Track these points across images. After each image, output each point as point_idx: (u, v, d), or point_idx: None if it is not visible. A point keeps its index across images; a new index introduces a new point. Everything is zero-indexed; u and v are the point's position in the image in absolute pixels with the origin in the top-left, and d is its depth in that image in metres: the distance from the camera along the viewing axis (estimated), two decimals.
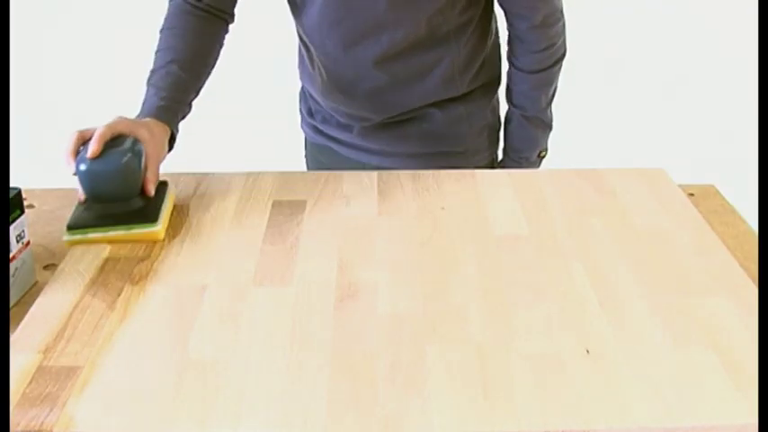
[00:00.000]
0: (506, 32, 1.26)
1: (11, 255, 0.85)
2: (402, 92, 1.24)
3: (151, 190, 0.98)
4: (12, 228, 0.85)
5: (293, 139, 1.48)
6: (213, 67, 1.17)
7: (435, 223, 0.99)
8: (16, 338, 0.78)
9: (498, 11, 1.25)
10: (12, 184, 0.87)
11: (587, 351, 0.77)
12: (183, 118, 1.10)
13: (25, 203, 0.88)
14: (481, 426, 0.68)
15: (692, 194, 1.10)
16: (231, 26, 1.22)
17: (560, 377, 0.73)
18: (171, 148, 1.08)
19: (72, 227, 0.95)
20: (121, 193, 0.96)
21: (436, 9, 1.15)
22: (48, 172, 1.29)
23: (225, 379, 0.73)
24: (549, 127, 1.33)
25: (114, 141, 0.95)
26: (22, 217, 0.88)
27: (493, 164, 1.36)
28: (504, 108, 1.34)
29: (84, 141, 0.96)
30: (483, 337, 0.78)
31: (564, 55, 1.27)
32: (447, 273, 0.89)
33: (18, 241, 0.87)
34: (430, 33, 1.18)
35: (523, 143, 1.32)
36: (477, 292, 0.85)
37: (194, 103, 1.14)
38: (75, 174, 0.94)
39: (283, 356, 0.76)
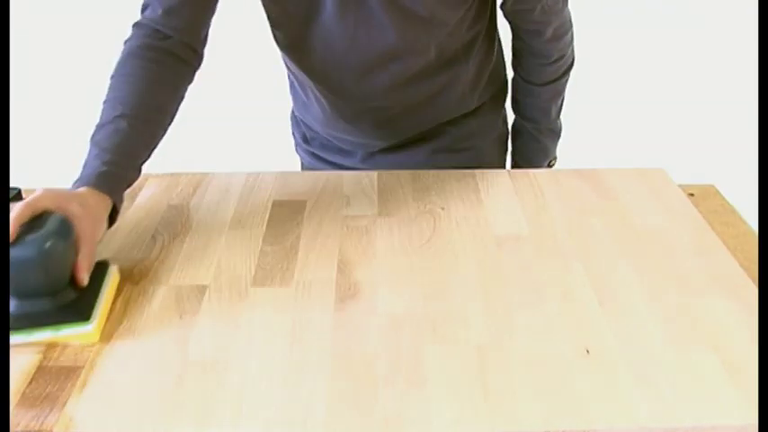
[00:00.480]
0: (510, 44, 1.22)
1: None
2: (413, 117, 1.19)
3: (84, 279, 0.81)
4: None
5: (293, 142, 1.48)
6: (171, 122, 0.99)
7: (435, 223, 0.99)
8: (16, 339, 0.78)
9: (502, 22, 1.21)
10: (12, 184, 0.87)
11: (587, 351, 0.77)
12: (130, 185, 0.93)
13: None
14: (481, 426, 0.68)
15: (692, 194, 1.10)
16: (202, 65, 1.05)
17: (560, 377, 0.73)
18: (112, 222, 0.90)
19: None
20: (46, 286, 0.78)
21: (446, 32, 1.09)
22: (48, 172, 1.28)
23: (225, 379, 0.73)
24: (559, 135, 1.31)
25: (36, 222, 0.78)
26: None
27: None
28: (510, 116, 1.32)
29: None
30: (483, 338, 0.78)
31: (573, 63, 1.24)
32: (447, 273, 0.89)
33: None
34: (440, 56, 1.12)
35: (535, 154, 1.30)
36: (478, 292, 0.85)
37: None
38: None
39: (283, 356, 0.76)
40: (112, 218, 0.90)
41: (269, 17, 1.11)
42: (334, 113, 1.19)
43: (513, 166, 1.33)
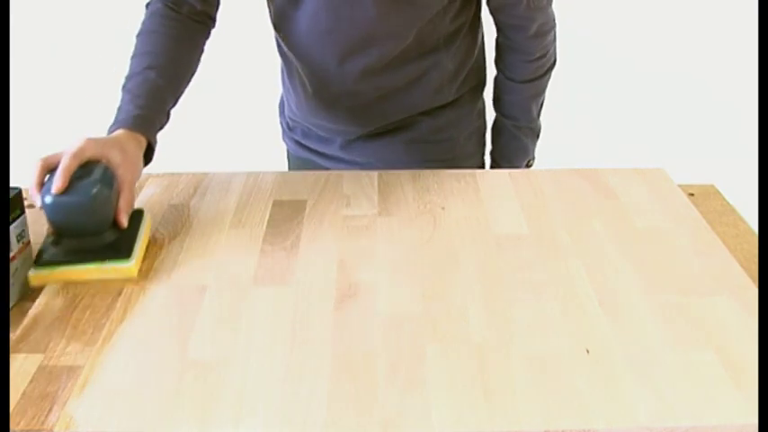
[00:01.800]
0: (494, 41, 1.24)
1: (11, 254, 0.85)
2: (389, 104, 1.20)
3: (124, 221, 0.91)
4: (12, 227, 0.85)
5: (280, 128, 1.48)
6: (193, 74, 1.10)
7: (435, 223, 0.99)
8: (16, 338, 0.79)
9: (485, 17, 1.23)
10: (12, 184, 0.87)
11: (587, 351, 0.77)
12: (162, 128, 1.02)
13: (25, 203, 0.88)
14: (481, 426, 0.68)
15: (692, 194, 1.10)
16: (216, 30, 1.16)
17: (560, 377, 0.73)
18: (149, 161, 1.00)
19: (39, 263, 0.88)
20: (91, 227, 0.89)
21: (428, 19, 1.10)
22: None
23: (225, 379, 0.73)
24: (538, 135, 1.32)
25: (82, 170, 0.88)
26: (23, 217, 0.88)
27: (481, 168, 1.34)
28: (489, 111, 1.33)
29: (49, 170, 0.88)
30: (483, 337, 0.78)
31: (555, 63, 1.25)
32: (447, 273, 0.89)
33: (18, 241, 0.87)
34: (419, 44, 1.14)
35: (514, 153, 1.31)
36: (477, 292, 0.85)
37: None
38: (41, 207, 0.87)
39: (283, 356, 0.76)
40: (148, 157, 0.99)
41: None
42: (315, 97, 1.21)
43: (493, 165, 1.34)
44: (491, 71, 1.29)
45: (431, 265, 0.90)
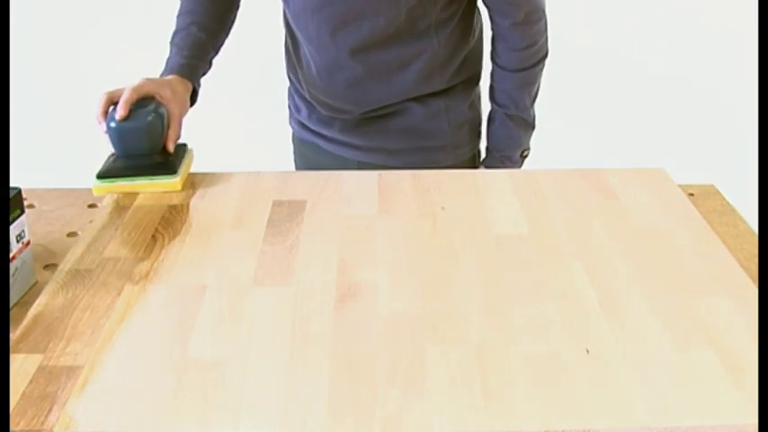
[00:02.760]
0: (489, 31, 1.26)
1: (11, 255, 0.85)
2: (380, 84, 1.24)
3: (171, 146, 1.09)
4: (12, 227, 0.85)
5: (290, 135, 1.48)
6: (231, 27, 1.27)
7: (435, 223, 0.99)
8: (16, 338, 0.78)
9: (483, 9, 1.26)
10: (12, 184, 0.87)
11: (587, 351, 0.77)
12: (204, 74, 1.20)
13: (25, 203, 0.88)
14: (481, 426, 0.68)
15: (692, 194, 1.10)
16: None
17: (560, 377, 0.73)
18: (194, 102, 1.18)
19: (101, 175, 1.06)
20: (146, 148, 1.07)
21: (417, 0, 1.15)
22: (48, 172, 1.29)
23: (225, 379, 0.73)
24: (532, 126, 1.33)
25: (140, 102, 1.06)
26: (23, 217, 0.88)
27: (475, 159, 1.36)
28: (486, 105, 1.35)
29: (112, 102, 1.06)
30: (483, 337, 0.78)
31: (546, 55, 1.28)
32: (447, 273, 0.89)
33: (18, 241, 0.87)
34: (410, 26, 1.18)
35: (506, 142, 1.33)
36: (477, 292, 0.85)
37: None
38: (106, 132, 1.06)
39: (283, 356, 0.76)
40: (193, 99, 1.18)
41: None
42: (314, 69, 1.26)
43: (486, 155, 1.36)
44: (488, 67, 1.31)
45: (431, 265, 0.90)
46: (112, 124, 1.05)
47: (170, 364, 0.75)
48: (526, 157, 1.37)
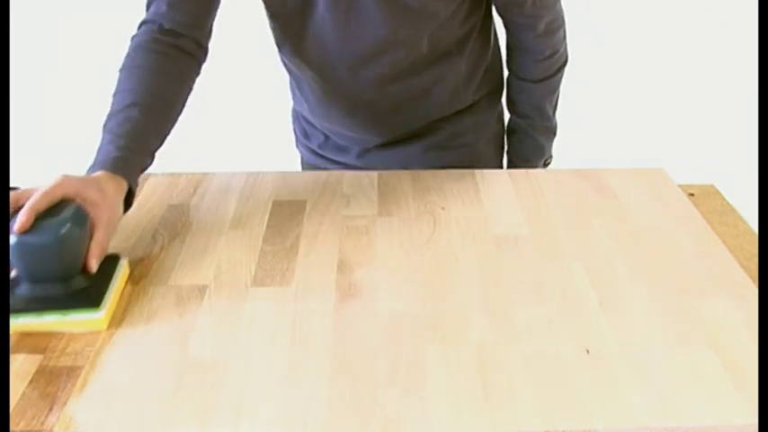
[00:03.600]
0: (505, 40, 1.23)
1: None
2: (406, 112, 1.19)
3: (93, 266, 0.82)
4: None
5: (293, 139, 1.48)
6: (180, 112, 1.01)
7: (435, 223, 0.99)
8: (16, 338, 0.78)
9: (496, 17, 1.22)
10: (12, 184, 0.87)
11: (587, 351, 0.77)
12: (144, 170, 0.94)
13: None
14: (481, 426, 0.68)
15: (692, 194, 1.10)
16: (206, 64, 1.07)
17: (560, 377, 0.73)
18: (129, 206, 0.92)
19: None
20: (57, 272, 0.80)
21: (437, 25, 1.10)
22: (48, 172, 1.28)
23: (225, 379, 0.73)
24: (554, 134, 1.31)
25: (53, 208, 0.80)
26: None
27: None
28: (506, 115, 1.33)
29: (17, 207, 0.79)
30: (483, 337, 0.78)
31: (567, 61, 1.25)
32: (447, 273, 0.89)
33: None
34: (432, 50, 1.13)
35: (531, 152, 1.30)
36: (477, 292, 0.85)
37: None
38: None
39: (283, 356, 0.76)
40: (128, 202, 0.92)
41: (267, 8, 1.12)
42: (330, 108, 1.20)
43: (509, 165, 1.33)
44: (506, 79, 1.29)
45: (431, 265, 0.90)
46: (12, 239, 0.76)
47: (170, 364, 0.75)
48: (549, 164, 1.34)
